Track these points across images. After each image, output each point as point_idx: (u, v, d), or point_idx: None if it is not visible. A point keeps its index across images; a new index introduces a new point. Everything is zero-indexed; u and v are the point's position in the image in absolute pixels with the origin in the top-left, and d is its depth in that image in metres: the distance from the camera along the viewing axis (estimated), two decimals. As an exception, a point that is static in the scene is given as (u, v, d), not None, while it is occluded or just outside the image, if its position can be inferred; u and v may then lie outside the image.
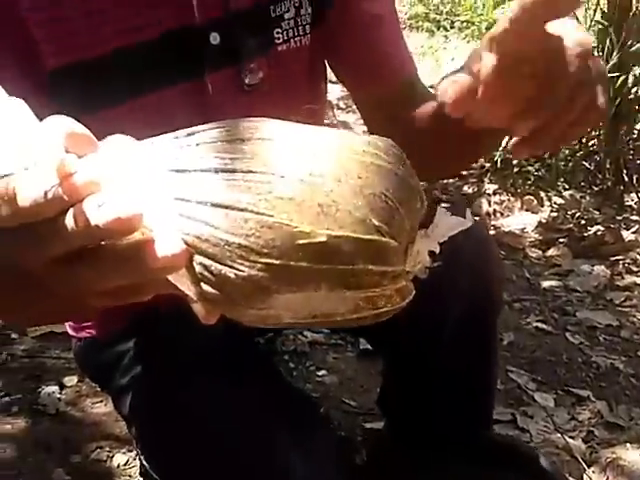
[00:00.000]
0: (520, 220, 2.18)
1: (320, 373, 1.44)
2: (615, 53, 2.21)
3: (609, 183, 2.32)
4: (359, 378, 1.42)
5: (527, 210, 2.24)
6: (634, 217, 2.19)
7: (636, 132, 2.40)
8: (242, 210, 0.29)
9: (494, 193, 2.25)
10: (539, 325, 1.63)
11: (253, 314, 0.31)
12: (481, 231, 0.96)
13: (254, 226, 0.29)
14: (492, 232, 2.03)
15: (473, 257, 0.86)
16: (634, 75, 2.26)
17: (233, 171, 0.30)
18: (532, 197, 2.28)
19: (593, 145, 2.43)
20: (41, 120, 0.32)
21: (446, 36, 3.92)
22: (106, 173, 0.31)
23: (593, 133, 2.44)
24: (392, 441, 1.12)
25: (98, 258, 0.30)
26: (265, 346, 1.39)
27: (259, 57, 0.73)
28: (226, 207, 0.29)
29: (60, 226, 0.29)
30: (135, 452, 1.21)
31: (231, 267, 0.30)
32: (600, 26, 2.35)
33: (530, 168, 2.38)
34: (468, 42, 3.81)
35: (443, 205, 0.33)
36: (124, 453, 1.22)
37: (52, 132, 0.31)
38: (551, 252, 2.00)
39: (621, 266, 1.92)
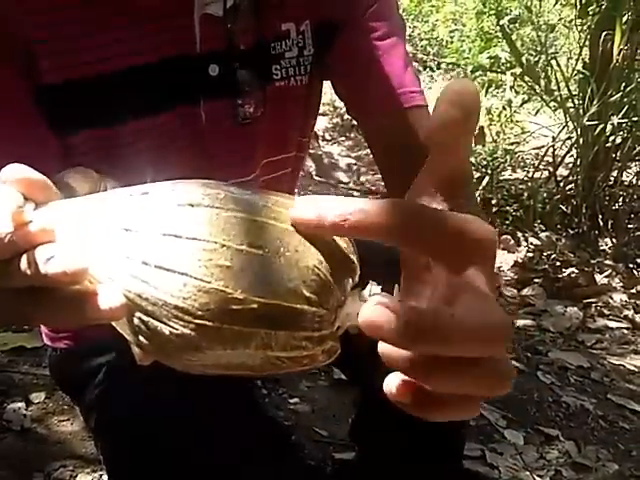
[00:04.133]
0: (497, 259, 2.21)
1: (293, 401, 1.43)
2: (595, 102, 2.28)
3: (585, 227, 2.37)
4: (331, 408, 1.41)
5: (504, 249, 2.27)
6: (608, 261, 2.23)
7: (612, 179, 2.47)
8: (182, 274, 0.32)
9: (472, 231, 2.29)
10: (512, 363, 1.64)
11: (184, 364, 0.34)
12: None
13: (191, 290, 0.32)
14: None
15: None
16: (612, 124, 2.33)
17: (179, 236, 0.32)
18: (509, 237, 2.32)
19: (570, 190, 2.49)
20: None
21: (432, 76, 4.01)
22: (60, 224, 0.33)
23: (571, 178, 2.50)
24: (362, 472, 1.11)
25: (44, 298, 0.33)
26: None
27: (256, 92, 0.73)
28: (167, 270, 0.32)
29: (13, 267, 0.32)
30: (99, 474, 1.18)
31: (166, 324, 0.32)
32: (582, 76, 2.43)
33: (508, 208, 2.43)
34: (453, 83, 3.90)
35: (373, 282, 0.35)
36: (88, 473, 1.20)
37: (10, 180, 0.33)
38: (526, 292, 2.02)
39: (593, 309, 1.95)
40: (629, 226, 2.43)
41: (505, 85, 3.20)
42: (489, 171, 2.55)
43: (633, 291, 2.09)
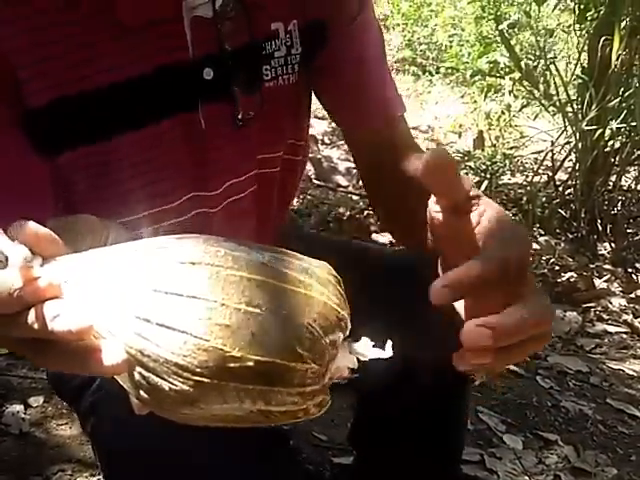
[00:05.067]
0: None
1: (291, 405, 1.43)
2: (594, 107, 2.28)
3: (583, 232, 2.37)
4: (330, 412, 1.41)
5: (503, 254, 2.27)
6: (606, 266, 2.23)
7: (611, 183, 2.47)
8: (182, 332, 0.33)
9: (472, 235, 2.29)
10: (511, 367, 1.64)
11: (179, 417, 0.36)
12: None
13: (191, 348, 0.33)
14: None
15: None
16: (610, 129, 2.33)
17: (180, 294, 0.34)
18: (508, 241, 2.31)
19: (569, 194, 2.49)
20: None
21: (431, 80, 4.01)
22: (66, 279, 0.35)
23: (570, 182, 2.50)
24: (360, 476, 1.11)
25: (49, 349, 0.34)
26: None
27: (250, 93, 0.74)
28: (168, 327, 0.33)
29: (20, 320, 0.34)
30: (97, 478, 1.18)
31: (166, 380, 0.34)
32: (580, 81, 2.43)
33: (508, 213, 2.43)
34: (452, 88, 3.91)
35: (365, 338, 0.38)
36: (86, 477, 1.19)
37: (18, 235, 0.35)
38: (525, 296, 2.02)
39: (592, 313, 1.95)
40: (628, 230, 2.43)
41: (504, 90, 3.20)
42: (488, 175, 2.55)
43: (632, 295, 2.09)
